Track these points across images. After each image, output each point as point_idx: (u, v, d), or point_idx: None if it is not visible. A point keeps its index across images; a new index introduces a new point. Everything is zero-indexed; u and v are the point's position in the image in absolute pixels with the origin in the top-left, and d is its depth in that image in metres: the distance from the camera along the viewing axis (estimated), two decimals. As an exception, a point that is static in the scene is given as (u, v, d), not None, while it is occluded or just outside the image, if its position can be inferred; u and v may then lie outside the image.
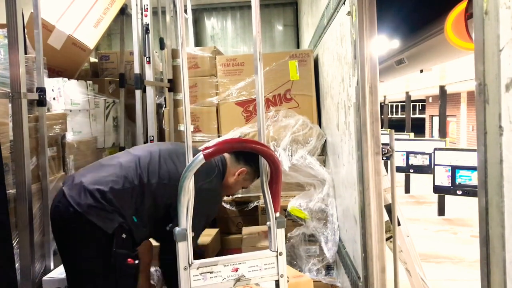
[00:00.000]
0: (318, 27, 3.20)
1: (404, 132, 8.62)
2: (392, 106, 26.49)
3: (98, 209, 1.76)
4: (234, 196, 2.96)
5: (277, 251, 1.40)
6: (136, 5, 3.25)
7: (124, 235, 1.79)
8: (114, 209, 1.78)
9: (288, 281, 1.49)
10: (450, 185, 5.01)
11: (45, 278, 2.16)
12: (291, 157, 2.84)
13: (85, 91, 2.97)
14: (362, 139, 1.78)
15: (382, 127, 2.43)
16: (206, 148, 1.33)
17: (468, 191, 4.86)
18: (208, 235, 2.75)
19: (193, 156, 1.34)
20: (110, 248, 1.76)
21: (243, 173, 2.07)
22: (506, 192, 0.82)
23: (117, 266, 1.76)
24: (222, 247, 2.97)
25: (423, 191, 7.24)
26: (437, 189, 5.23)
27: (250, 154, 1.91)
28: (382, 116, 13.06)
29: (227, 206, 3.11)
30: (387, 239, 1.89)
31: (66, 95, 2.74)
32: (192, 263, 1.31)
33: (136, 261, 1.80)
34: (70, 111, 2.78)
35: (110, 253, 1.75)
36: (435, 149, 5.29)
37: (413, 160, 6.24)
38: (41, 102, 2.33)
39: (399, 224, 2.02)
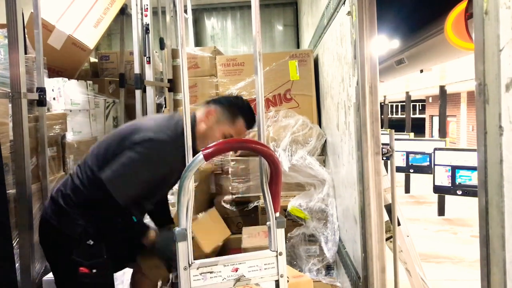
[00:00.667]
0: (318, 27, 3.20)
1: (404, 132, 8.62)
2: (392, 106, 26.50)
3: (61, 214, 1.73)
4: (234, 196, 2.96)
5: (277, 251, 1.40)
6: (136, 5, 3.25)
7: (90, 242, 1.67)
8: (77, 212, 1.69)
9: (288, 281, 1.49)
10: (450, 185, 5.01)
11: (45, 278, 2.16)
12: (291, 158, 2.84)
13: (85, 91, 2.97)
14: (362, 139, 1.78)
15: (382, 127, 2.42)
16: (206, 148, 1.33)
17: (468, 191, 4.86)
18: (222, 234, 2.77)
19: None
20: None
21: (211, 114, 1.74)
22: (506, 192, 0.82)
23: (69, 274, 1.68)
24: (222, 247, 2.96)
25: (423, 191, 7.24)
26: (437, 189, 5.23)
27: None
28: (382, 116, 13.06)
29: (227, 206, 3.11)
30: (387, 239, 1.89)
31: (66, 95, 2.74)
32: (192, 263, 1.31)
33: (94, 270, 1.67)
34: (70, 111, 2.78)
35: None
36: (435, 149, 5.29)
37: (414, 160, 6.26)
38: (41, 102, 2.33)
39: (399, 224, 2.02)
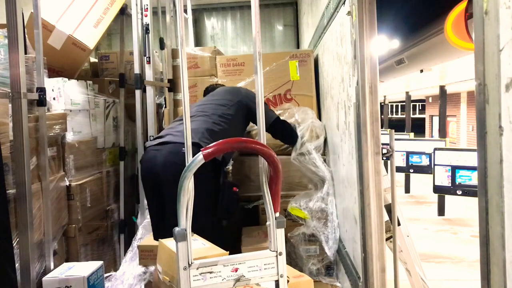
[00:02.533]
0: (318, 27, 3.20)
1: (404, 132, 8.63)
2: (392, 106, 26.49)
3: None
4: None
5: (276, 251, 1.40)
6: (136, 5, 3.25)
7: (227, 167, 2.21)
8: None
9: (288, 281, 1.48)
10: (450, 185, 5.02)
11: (45, 278, 2.16)
12: (300, 147, 2.85)
13: (85, 91, 2.97)
14: (362, 139, 1.78)
15: (382, 127, 2.42)
16: (206, 148, 1.33)
17: (468, 191, 4.86)
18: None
19: None
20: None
21: None
22: (506, 192, 0.82)
23: (225, 193, 2.17)
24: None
25: (423, 191, 7.24)
26: (437, 189, 5.23)
27: None
28: (382, 116, 13.06)
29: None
30: (387, 239, 1.89)
31: (66, 95, 2.74)
32: (191, 263, 1.31)
33: (237, 189, 2.23)
34: (70, 111, 2.78)
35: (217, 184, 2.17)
36: (435, 149, 5.29)
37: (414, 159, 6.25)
38: (41, 102, 2.33)
39: (399, 224, 2.02)
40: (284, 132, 2.82)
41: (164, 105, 3.74)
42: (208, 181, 2.19)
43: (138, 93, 3.24)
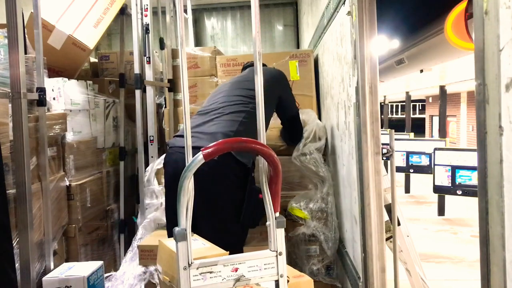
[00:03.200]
0: (318, 27, 3.20)
1: (404, 132, 8.63)
2: (392, 106, 26.49)
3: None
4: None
5: (276, 251, 1.40)
6: (136, 5, 3.25)
7: (253, 174, 2.12)
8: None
9: (288, 281, 1.48)
10: (450, 185, 5.02)
11: (45, 278, 2.16)
12: (303, 147, 2.83)
13: (85, 91, 2.97)
14: (362, 139, 1.78)
15: (382, 127, 2.42)
16: (206, 148, 1.33)
17: (468, 191, 4.87)
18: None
19: None
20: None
21: None
22: (506, 192, 0.82)
23: (252, 199, 2.09)
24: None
25: (423, 191, 7.24)
26: (437, 189, 5.23)
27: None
28: (382, 116, 13.06)
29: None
30: (387, 239, 1.89)
31: (66, 95, 2.74)
32: (191, 263, 1.31)
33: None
34: (70, 111, 2.78)
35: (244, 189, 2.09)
36: (435, 149, 5.29)
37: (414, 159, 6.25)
38: (41, 102, 2.33)
39: (399, 224, 2.02)
40: (296, 130, 2.81)
41: (164, 105, 3.74)
42: (239, 189, 2.13)
43: (138, 93, 3.24)
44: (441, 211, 5.74)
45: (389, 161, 1.96)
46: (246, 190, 2.12)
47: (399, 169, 6.24)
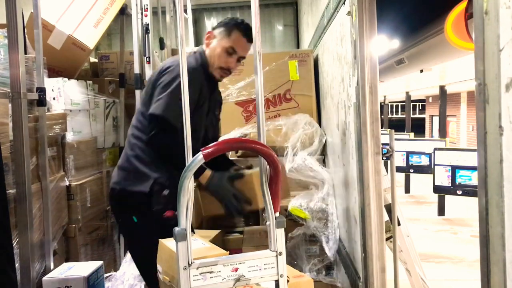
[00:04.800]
0: (318, 27, 3.20)
1: (404, 132, 8.62)
2: (392, 106, 26.50)
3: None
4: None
5: (276, 251, 1.40)
6: (136, 5, 3.25)
7: (166, 192, 1.83)
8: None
9: (288, 281, 1.48)
10: (450, 185, 5.02)
11: (45, 278, 2.16)
12: (294, 158, 2.84)
13: (85, 91, 2.97)
14: (362, 139, 1.78)
15: (382, 127, 2.42)
16: (206, 148, 1.33)
17: (468, 191, 4.87)
18: (207, 237, 2.75)
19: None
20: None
21: (210, 36, 2.01)
22: (506, 192, 0.82)
23: (159, 223, 1.82)
24: (223, 248, 2.95)
25: (423, 191, 7.24)
26: (437, 189, 5.24)
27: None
28: (382, 116, 13.06)
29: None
30: (387, 239, 1.89)
31: (66, 95, 2.74)
32: (192, 263, 1.31)
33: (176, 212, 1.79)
34: (70, 111, 2.78)
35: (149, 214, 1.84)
36: (435, 149, 5.29)
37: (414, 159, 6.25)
38: (41, 102, 2.33)
39: (399, 224, 2.02)
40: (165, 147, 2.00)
41: (164, 105, 3.74)
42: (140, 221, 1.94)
43: (138, 93, 3.24)
44: (441, 211, 5.74)
45: (389, 161, 1.97)
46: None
47: (399, 169, 6.24)
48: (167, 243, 1.78)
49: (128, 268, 2.65)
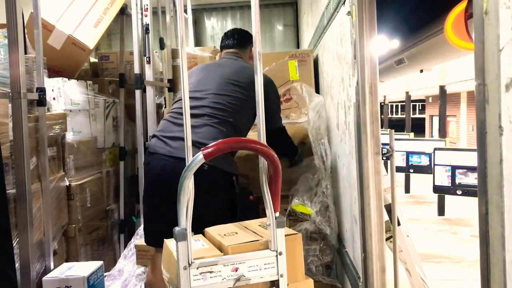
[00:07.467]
0: (318, 27, 3.20)
1: (404, 132, 8.62)
2: (392, 106, 26.49)
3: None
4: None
5: (276, 251, 1.40)
6: (136, 5, 3.25)
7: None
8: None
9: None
10: (450, 185, 5.02)
11: (45, 278, 2.16)
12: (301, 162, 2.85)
13: (85, 91, 2.97)
14: (362, 139, 1.78)
15: (382, 127, 2.42)
16: (206, 148, 1.33)
17: (468, 191, 4.86)
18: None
19: None
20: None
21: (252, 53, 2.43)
22: (506, 192, 0.82)
23: (243, 203, 2.07)
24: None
25: (423, 191, 7.24)
26: (437, 189, 5.23)
27: (243, 37, 2.47)
28: (382, 116, 13.06)
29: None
30: (387, 239, 1.89)
31: (66, 95, 2.74)
32: (192, 262, 1.31)
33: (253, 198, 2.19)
34: (70, 111, 2.78)
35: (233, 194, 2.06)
36: (435, 149, 5.29)
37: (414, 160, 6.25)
38: (41, 102, 2.33)
39: (399, 224, 2.02)
40: (284, 143, 2.59)
41: (164, 105, 3.74)
42: (225, 200, 2.06)
43: (138, 93, 3.24)
44: (441, 211, 5.74)
45: (389, 161, 1.96)
46: (235, 194, 2.07)
47: (399, 169, 6.24)
48: (167, 243, 1.79)
49: (126, 266, 2.65)
